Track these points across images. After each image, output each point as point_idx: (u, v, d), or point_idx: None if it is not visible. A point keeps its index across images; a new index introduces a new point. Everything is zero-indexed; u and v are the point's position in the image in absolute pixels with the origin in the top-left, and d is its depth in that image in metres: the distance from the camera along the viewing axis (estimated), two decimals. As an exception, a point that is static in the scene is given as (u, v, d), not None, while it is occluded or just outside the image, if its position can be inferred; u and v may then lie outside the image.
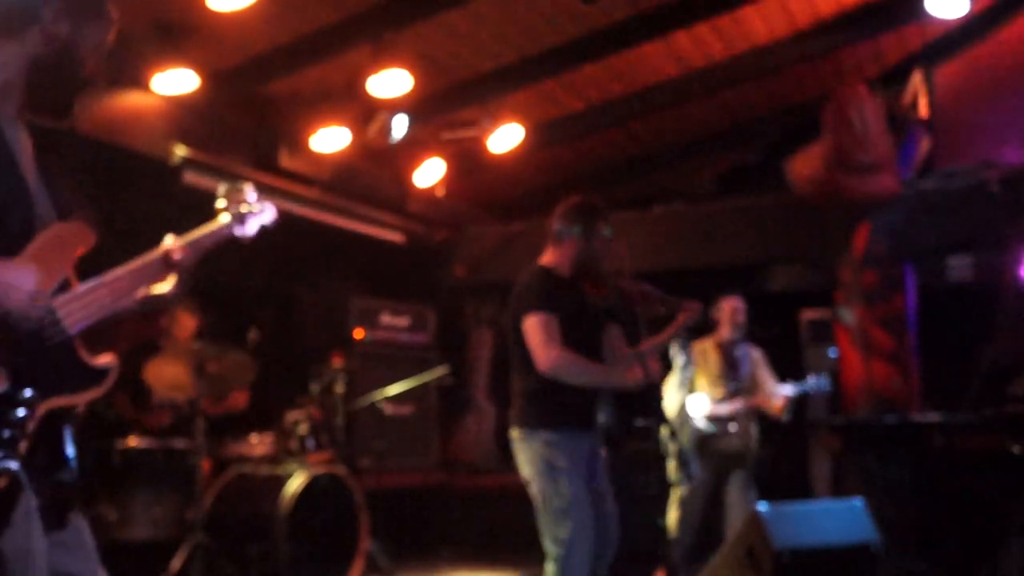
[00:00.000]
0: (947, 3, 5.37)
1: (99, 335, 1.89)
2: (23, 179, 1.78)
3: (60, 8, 1.82)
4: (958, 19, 5.65)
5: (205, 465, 5.06)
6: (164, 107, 5.67)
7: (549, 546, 3.43)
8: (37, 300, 1.69)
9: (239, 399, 5.53)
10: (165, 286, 2.11)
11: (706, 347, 5.71)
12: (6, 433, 1.62)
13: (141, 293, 2.04)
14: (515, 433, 3.57)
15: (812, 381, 5.67)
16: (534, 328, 3.45)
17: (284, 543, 4.88)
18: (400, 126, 5.96)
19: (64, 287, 1.80)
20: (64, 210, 1.87)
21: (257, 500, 5.07)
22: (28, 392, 1.66)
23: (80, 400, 1.80)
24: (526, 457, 3.51)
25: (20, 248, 1.72)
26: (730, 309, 5.73)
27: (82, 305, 1.80)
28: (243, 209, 2.34)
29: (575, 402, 3.53)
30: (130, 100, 5.44)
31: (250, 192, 2.37)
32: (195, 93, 5.43)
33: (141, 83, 5.26)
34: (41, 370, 1.70)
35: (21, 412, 1.64)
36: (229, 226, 2.32)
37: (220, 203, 2.33)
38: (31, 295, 1.68)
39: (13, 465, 1.61)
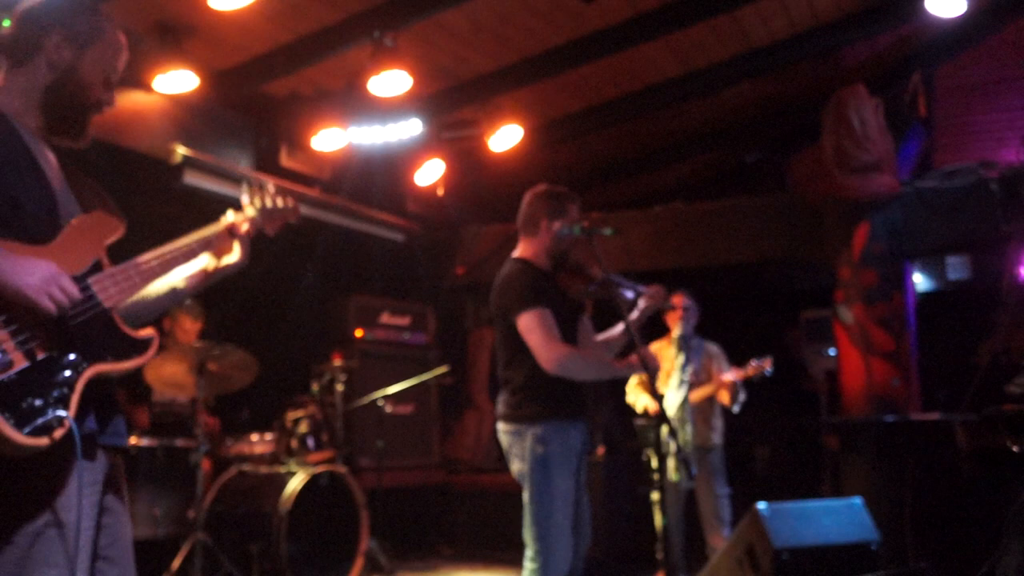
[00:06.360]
0: (946, 3, 5.38)
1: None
2: (47, 181, 1.96)
3: (61, 37, 1.99)
4: (957, 19, 5.65)
5: (206, 464, 5.07)
6: (165, 107, 5.68)
7: (530, 540, 3.39)
8: (52, 282, 1.80)
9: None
10: (233, 256, 2.29)
11: (663, 345, 5.86)
12: (55, 393, 1.78)
13: (210, 266, 2.26)
14: (506, 427, 3.51)
15: (754, 363, 5.71)
16: (532, 325, 3.41)
17: (284, 542, 4.89)
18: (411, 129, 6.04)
19: (97, 268, 1.98)
20: (89, 208, 2.05)
21: (258, 499, 5.07)
22: (72, 356, 1.83)
23: (126, 366, 1.97)
24: (518, 451, 3.46)
25: (50, 239, 1.90)
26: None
27: (115, 282, 1.98)
28: (268, 204, 2.41)
29: (566, 393, 3.49)
30: (131, 100, 5.44)
31: (272, 188, 2.45)
32: (195, 93, 5.44)
33: (142, 83, 5.27)
34: (81, 339, 1.86)
35: (67, 373, 1.81)
36: (258, 218, 2.39)
37: (244, 198, 2.41)
38: (45, 278, 1.79)
39: (63, 412, 1.76)
